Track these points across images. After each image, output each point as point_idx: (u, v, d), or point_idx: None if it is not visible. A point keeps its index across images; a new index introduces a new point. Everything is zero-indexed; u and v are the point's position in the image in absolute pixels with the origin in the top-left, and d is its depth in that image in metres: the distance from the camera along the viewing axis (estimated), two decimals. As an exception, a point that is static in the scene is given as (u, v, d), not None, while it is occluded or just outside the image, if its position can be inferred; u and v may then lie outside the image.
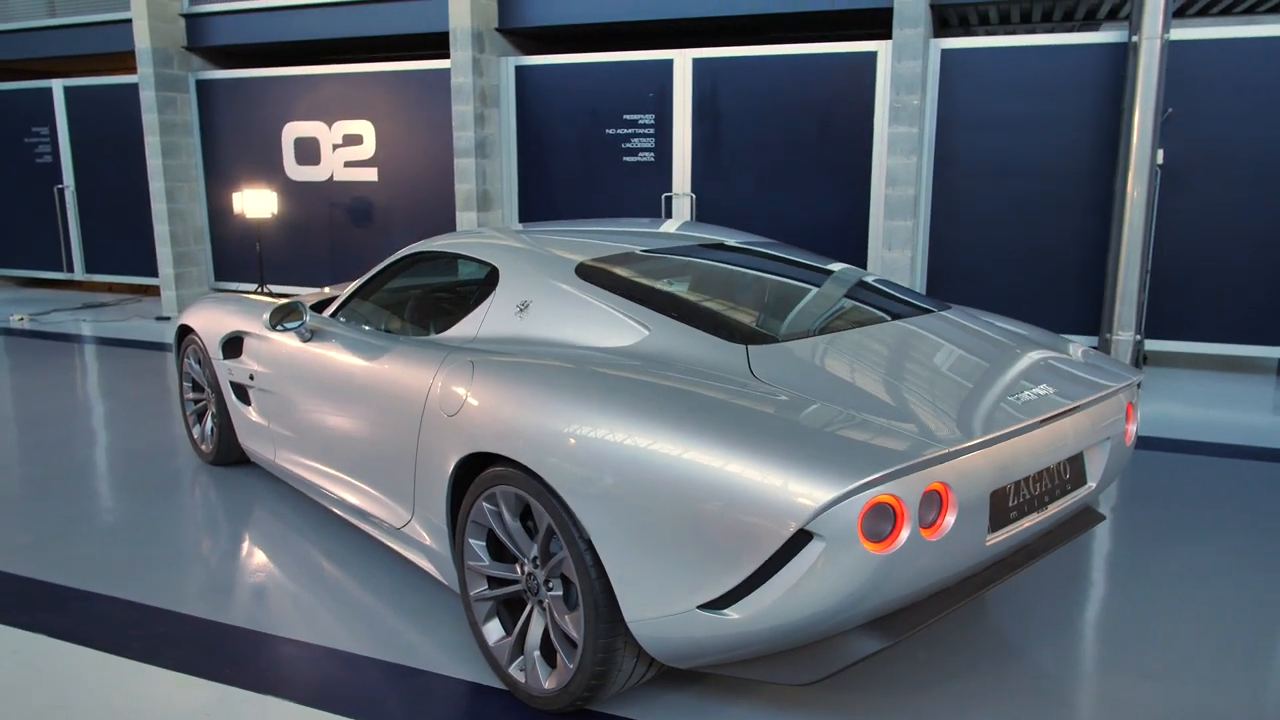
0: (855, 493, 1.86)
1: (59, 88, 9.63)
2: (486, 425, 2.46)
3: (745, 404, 2.14)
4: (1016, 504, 2.24)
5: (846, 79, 6.76)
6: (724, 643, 2.05)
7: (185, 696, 2.51)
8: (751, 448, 1.98)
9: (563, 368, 2.45)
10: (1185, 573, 3.26)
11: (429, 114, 8.02)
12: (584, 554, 2.18)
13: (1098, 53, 6.20)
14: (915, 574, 2.00)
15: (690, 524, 2.00)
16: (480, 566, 2.55)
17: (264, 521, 3.76)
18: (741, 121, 7.08)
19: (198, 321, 4.27)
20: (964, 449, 2.03)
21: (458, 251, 3.22)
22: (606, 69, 7.41)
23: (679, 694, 2.50)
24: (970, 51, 6.50)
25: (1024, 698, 2.48)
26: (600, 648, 2.19)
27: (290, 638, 2.83)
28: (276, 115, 8.67)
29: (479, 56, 7.45)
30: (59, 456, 4.58)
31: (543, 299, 2.77)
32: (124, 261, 9.78)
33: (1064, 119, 6.34)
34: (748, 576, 1.94)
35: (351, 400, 3.13)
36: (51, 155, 9.85)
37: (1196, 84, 6.02)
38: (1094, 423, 2.47)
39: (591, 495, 2.15)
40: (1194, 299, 6.29)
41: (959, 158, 6.62)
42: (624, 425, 2.16)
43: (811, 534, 1.88)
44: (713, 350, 2.40)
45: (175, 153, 8.83)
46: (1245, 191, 6.05)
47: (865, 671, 2.61)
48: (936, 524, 2.00)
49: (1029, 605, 3.01)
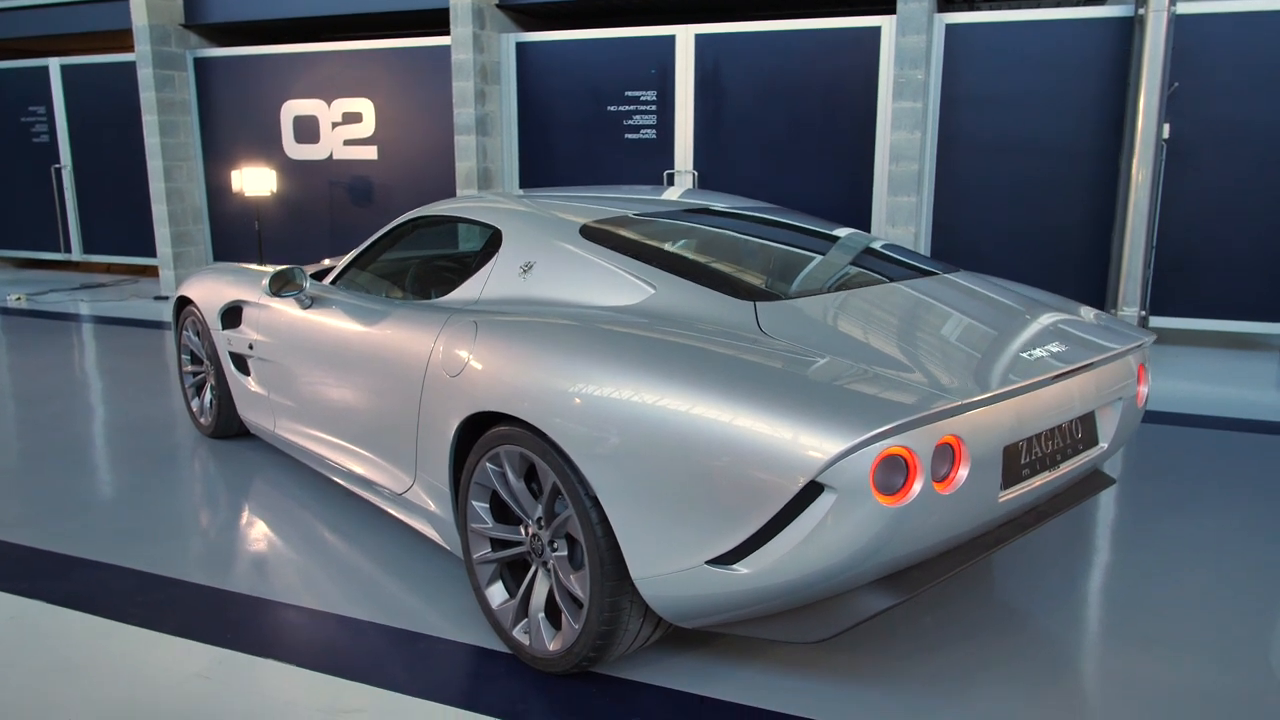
0: (867, 444, 1.82)
1: (56, 66, 9.55)
2: (490, 385, 2.42)
3: (754, 359, 2.11)
4: (1029, 461, 2.21)
5: (850, 54, 6.70)
6: (733, 600, 2.02)
7: (185, 660, 2.49)
8: (761, 401, 1.95)
9: (567, 325, 2.41)
10: (1192, 542, 3.23)
11: (429, 92, 7.95)
12: (589, 511, 2.14)
13: (1103, 27, 6.14)
14: (927, 529, 1.97)
15: (698, 479, 1.97)
16: (483, 529, 2.52)
17: (264, 492, 3.73)
18: (744, 97, 7.02)
19: (196, 292, 4.23)
20: (976, 402, 2.00)
21: (459, 215, 3.18)
22: (608, 45, 7.34)
23: (685, 657, 2.47)
24: (975, 26, 6.43)
25: (1031, 662, 2.46)
26: (606, 606, 2.16)
27: (291, 603, 2.81)
28: (275, 93, 8.60)
29: (479, 33, 7.38)
30: (56, 431, 4.55)
31: (546, 259, 2.73)
32: (122, 242, 9.72)
33: (1069, 95, 6.28)
34: (757, 530, 1.91)
35: (352, 366, 3.09)
36: (49, 135, 9.78)
37: (1203, 59, 5.96)
38: (1106, 382, 2.43)
39: (597, 452, 2.11)
40: (1199, 275, 6.24)
41: (963, 134, 6.57)
42: (630, 381, 2.12)
43: (822, 486, 1.85)
44: (720, 307, 2.36)
45: (173, 131, 8.76)
46: (1251, 168, 6.00)
47: (872, 635, 2.58)
48: (949, 478, 1.97)
49: (1036, 573, 2.99)
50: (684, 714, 2.23)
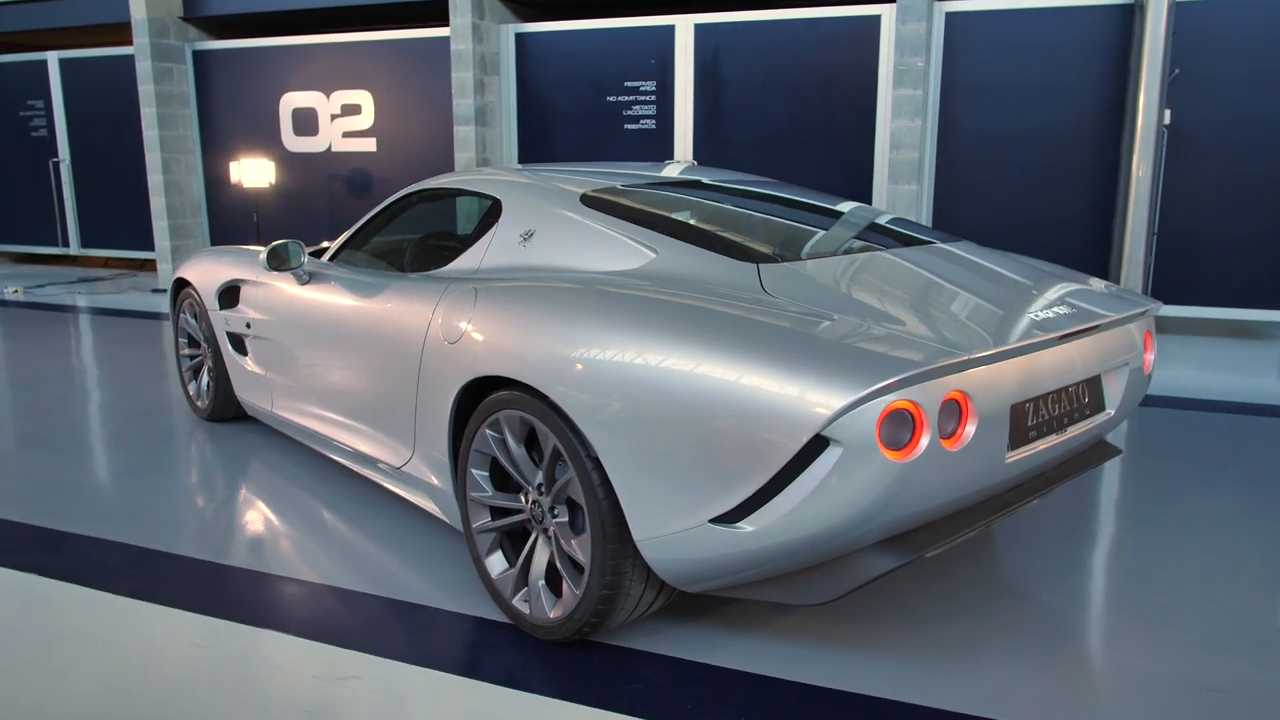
0: (872, 398, 1.80)
1: (54, 60, 9.53)
2: (489, 350, 2.39)
3: (758, 317, 2.08)
4: (1036, 423, 2.18)
5: (850, 43, 6.68)
6: (736, 561, 1.99)
7: (179, 630, 2.45)
8: (765, 357, 1.92)
9: (566, 288, 2.39)
10: (1196, 518, 3.21)
11: (428, 84, 7.93)
12: (591, 473, 2.11)
13: (1104, 15, 6.12)
14: (935, 487, 1.94)
15: (701, 436, 1.94)
16: (483, 497, 2.49)
17: (261, 473, 3.70)
18: (743, 87, 7.00)
19: (194, 274, 4.20)
20: (983, 358, 1.97)
21: (458, 187, 3.16)
22: (607, 35, 7.33)
23: (687, 627, 2.44)
24: (974, 15, 6.42)
25: (1036, 634, 2.43)
26: (608, 570, 2.13)
27: (287, 576, 2.77)
28: (274, 86, 8.58)
29: (479, 23, 7.36)
30: (52, 416, 4.52)
31: (547, 227, 2.70)
32: (120, 236, 9.70)
33: (1069, 82, 6.26)
34: (762, 486, 1.88)
35: (350, 340, 3.06)
36: (47, 128, 9.75)
37: (1204, 45, 5.94)
38: (1111, 347, 2.41)
39: (598, 411, 2.09)
40: (1200, 263, 6.22)
41: (963, 122, 6.55)
42: (631, 340, 2.09)
43: (828, 441, 1.82)
44: (722, 269, 2.34)
45: (172, 124, 8.74)
46: (1253, 155, 5.98)
47: (877, 607, 2.55)
48: (956, 434, 1.94)
49: (1040, 548, 2.96)
50: (688, 680, 2.20)
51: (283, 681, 2.21)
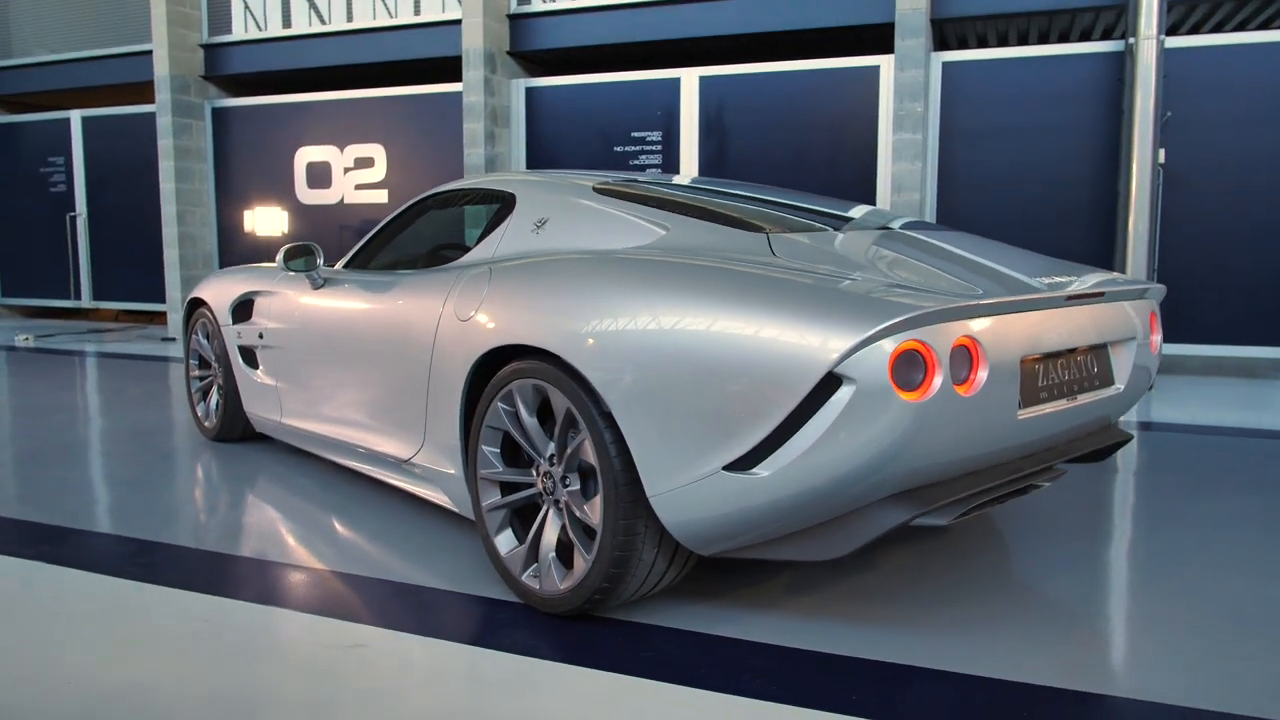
0: (883, 335, 1.82)
1: (77, 118, 9.81)
2: (503, 320, 2.42)
3: (768, 273, 2.11)
4: (1046, 385, 2.19)
5: (850, 93, 6.88)
6: (751, 515, 1.97)
7: (185, 606, 2.42)
8: (776, 303, 1.95)
9: (579, 258, 2.44)
10: (1207, 522, 3.18)
11: (440, 137, 8.14)
12: (604, 431, 2.12)
13: (1096, 61, 6.32)
14: (949, 436, 1.94)
15: (715, 381, 1.95)
16: (494, 474, 2.49)
17: (267, 484, 3.68)
18: (747, 135, 7.18)
19: (209, 292, 4.26)
20: (991, 305, 2.00)
21: (473, 187, 3.23)
22: (614, 89, 7.55)
23: (699, 606, 2.40)
24: (970, 64, 6.62)
25: (1051, 611, 2.39)
26: (620, 530, 2.11)
27: (292, 563, 2.74)
28: (289, 140, 8.81)
29: (490, 77, 7.60)
30: (60, 435, 4.52)
31: (561, 214, 2.76)
32: (132, 288, 9.82)
33: (1065, 127, 6.42)
34: (777, 427, 1.88)
35: (361, 337, 3.09)
36: (66, 184, 9.98)
37: (1194, 90, 6.12)
38: (1118, 318, 2.44)
39: (610, 366, 2.10)
40: (1200, 300, 6.27)
41: (962, 167, 6.69)
42: (641, 296, 2.13)
43: (841, 380, 1.83)
44: (733, 239, 2.38)
45: (188, 178, 8.95)
46: (1245, 194, 6.09)
47: (894, 589, 2.52)
48: (969, 380, 1.95)
49: (1045, 545, 2.93)
50: (702, 649, 2.16)
51: (288, 650, 2.17)
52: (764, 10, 7.07)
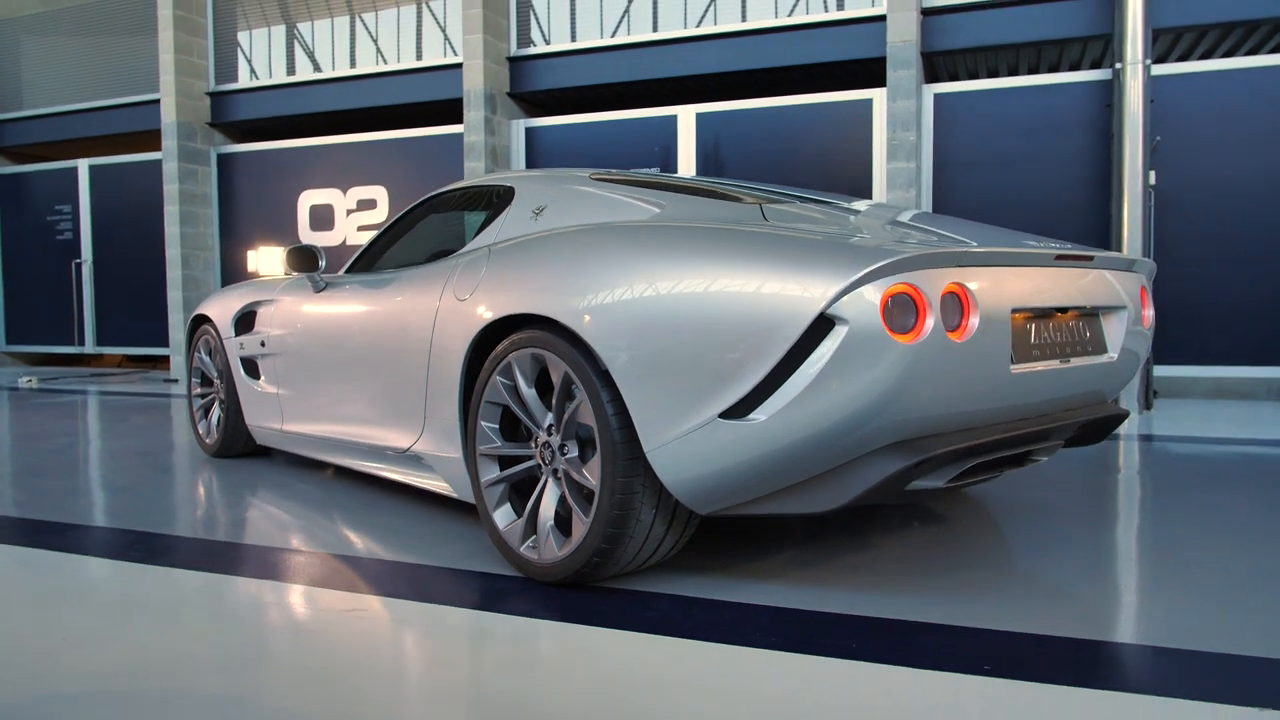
0: (874, 277, 1.84)
1: (84, 167, 9.99)
2: (499, 296, 2.46)
3: (762, 230, 2.15)
4: (1039, 344, 2.21)
5: (844, 125, 7.02)
6: (749, 467, 1.98)
7: (181, 582, 2.40)
8: (769, 252, 1.99)
9: (572, 231, 2.49)
10: (1206, 513, 3.16)
11: (441, 177, 8.27)
12: (601, 390, 2.13)
13: (1085, 90, 6.46)
14: (944, 384, 1.95)
15: (709, 329, 1.98)
16: (493, 449, 2.49)
17: (268, 490, 3.67)
18: (744, 169, 7.31)
19: (212, 308, 4.30)
20: (979, 254, 2.03)
21: (473, 185, 3.30)
22: (613, 127, 7.71)
23: (701, 575, 2.39)
24: (962, 95, 6.78)
25: (1031, 598, 2.38)
26: (618, 489, 2.11)
27: (289, 548, 2.73)
28: (292, 184, 8.96)
29: (491, 117, 7.77)
30: (61, 454, 4.52)
31: (559, 201, 2.81)
32: (135, 333, 9.88)
33: (1056, 154, 6.54)
34: (772, 369, 1.90)
35: (362, 332, 3.13)
36: (72, 231, 10.11)
37: (1184, 115, 6.24)
38: (1107, 285, 2.46)
39: (606, 326, 2.13)
40: (1194, 322, 6.30)
41: (956, 195, 6.80)
42: (636, 256, 2.17)
43: (833, 322, 1.86)
44: (726, 209, 2.43)
45: (193, 222, 9.08)
46: (1234, 216, 6.18)
47: (895, 563, 2.50)
48: (961, 327, 1.97)
49: (1043, 532, 2.91)
50: (703, 611, 2.14)
51: (284, 614, 2.16)
52: (759, 49, 7.26)
